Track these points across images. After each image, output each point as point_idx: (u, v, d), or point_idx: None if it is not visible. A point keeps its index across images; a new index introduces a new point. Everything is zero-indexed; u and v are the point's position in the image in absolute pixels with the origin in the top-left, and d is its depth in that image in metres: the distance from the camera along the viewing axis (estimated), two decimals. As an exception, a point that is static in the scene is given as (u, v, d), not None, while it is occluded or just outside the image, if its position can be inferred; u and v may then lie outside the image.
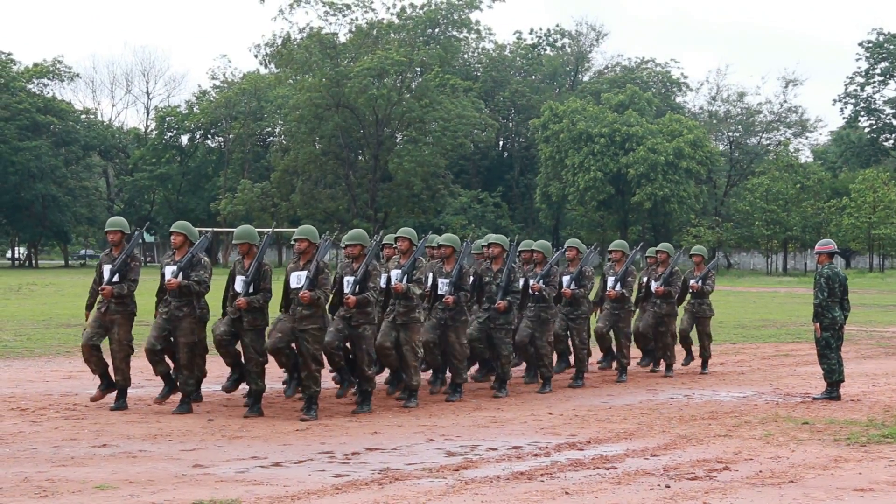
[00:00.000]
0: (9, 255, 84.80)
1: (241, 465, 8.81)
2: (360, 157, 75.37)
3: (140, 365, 15.46)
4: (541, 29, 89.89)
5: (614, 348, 15.96)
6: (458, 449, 9.67)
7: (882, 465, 9.09)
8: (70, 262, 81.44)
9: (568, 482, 8.31)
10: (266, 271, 11.66)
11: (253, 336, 11.62)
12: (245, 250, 11.82)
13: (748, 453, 9.56)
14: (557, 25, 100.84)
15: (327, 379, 13.57)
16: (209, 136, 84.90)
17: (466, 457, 9.30)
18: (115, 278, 11.84)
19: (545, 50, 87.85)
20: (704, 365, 16.59)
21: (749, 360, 18.28)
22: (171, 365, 11.98)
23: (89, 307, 12.15)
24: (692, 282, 16.52)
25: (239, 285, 11.61)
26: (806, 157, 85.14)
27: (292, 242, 12.02)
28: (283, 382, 12.75)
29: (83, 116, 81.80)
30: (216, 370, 14.45)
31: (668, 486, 8.18)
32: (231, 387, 12.20)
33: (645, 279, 16.15)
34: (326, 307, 11.69)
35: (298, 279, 11.48)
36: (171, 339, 11.75)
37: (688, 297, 16.62)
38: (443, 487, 8.07)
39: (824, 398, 13.19)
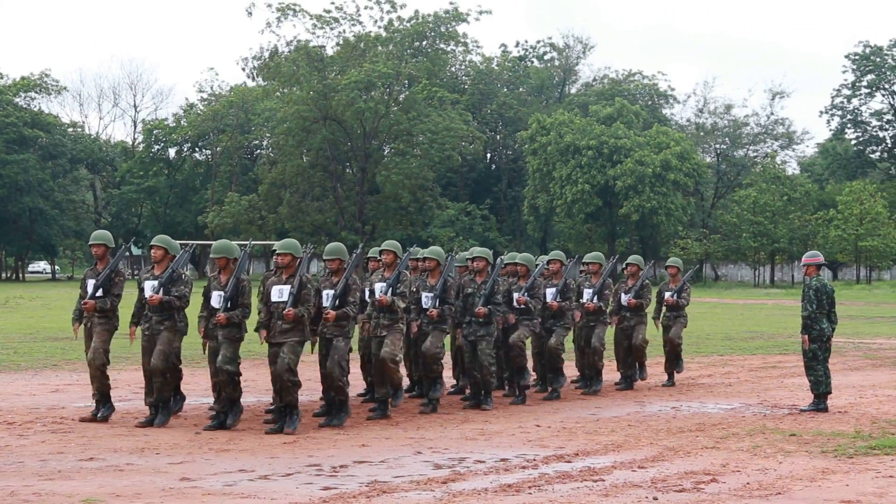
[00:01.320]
0: (38, 267, 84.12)
1: (229, 478, 8.79)
2: (347, 170, 75.38)
3: (128, 378, 15.47)
4: (526, 42, 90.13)
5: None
6: (446, 461, 9.66)
7: (869, 477, 9.11)
8: (57, 276, 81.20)
9: (556, 494, 8.31)
10: (244, 287, 11.44)
11: (227, 346, 11.36)
12: (223, 264, 11.62)
13: (736, 465, 9.56)
14: (549, 38, 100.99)
15: (309, 392, 13.57)
16: (196, 149, 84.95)
17: (454, 469, 9.29)
18: (99, 293, 11.78)
19: (532, 62, 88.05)
20: (670, 378, 16.36)
21: (736, 371, 18.30)
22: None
23: (77, 319, 12.10)
24: (667, 295, 16.23)
25: (216, 301, 11.44)
26: (793, 169, 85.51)
27: (273, 253, 11.91)
28: (266, 411, 12.54)
29: (70, 130, 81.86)
30: (204, 383, 14.43)
31: (656, 499, 8.19)
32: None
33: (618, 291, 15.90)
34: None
35: (280, 293, 11.34)
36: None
37: (663, 310, 16.39)
38: (430, 500, 8.07)
39: (811, 410, 13.19)
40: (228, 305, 11.34)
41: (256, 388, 14.53)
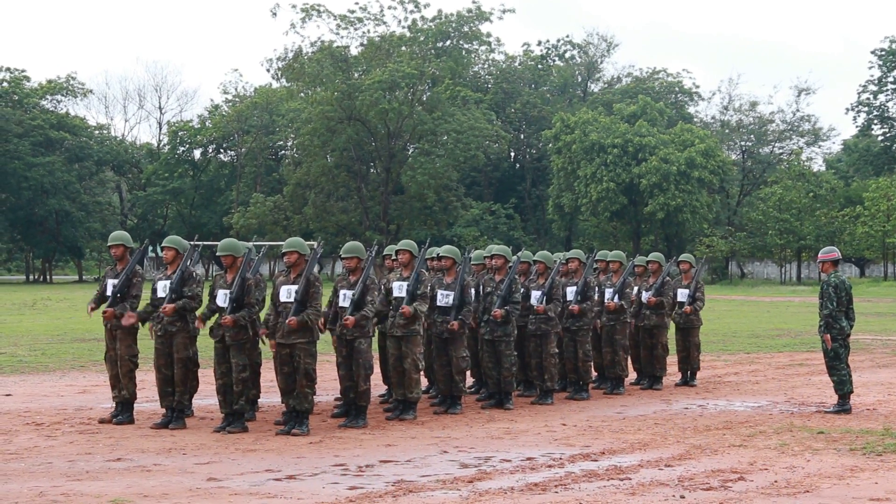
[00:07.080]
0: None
1: (256, 479, 8.81)
2: (372, 170, 75.46)
3: (151, 378, 15.50)
4: (548, 41, 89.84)
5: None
6: (472, 461, 9.66)
7: (898, 475, 9.05)
8: (84, 278, 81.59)
9: (582, 493, 8.29)
10: (250, 286, 11.30)
11: (237, 351, 11.27)
12: (229, 263, 11.53)
13: (763, 463, 9.52)
14: (567, 36, 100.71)
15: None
16: (221, 151, 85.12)
17: (480, 468, 9.28)
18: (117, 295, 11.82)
19: (554, 61, 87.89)
20: (693, 376, 16.22)
21: (763, 369, 18.22)
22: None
23: (93, 301, 12.14)
24: (680, 292, 16.03)
25: (222, 299, 11.37)
26: (818, 165, 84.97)
27: (281, 254, 11.89)
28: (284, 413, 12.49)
29: (96, 132, 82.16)
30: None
31: (683, 497, 8.16)
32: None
33: (636, 289, 15.71)
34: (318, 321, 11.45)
35: (289, 293, 11.26)
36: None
37: (675, 307, 16.17)
38: (457, 499, 8.06)
39: (837, 412, 12.92)
40: (235, 305, 11.26)
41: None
